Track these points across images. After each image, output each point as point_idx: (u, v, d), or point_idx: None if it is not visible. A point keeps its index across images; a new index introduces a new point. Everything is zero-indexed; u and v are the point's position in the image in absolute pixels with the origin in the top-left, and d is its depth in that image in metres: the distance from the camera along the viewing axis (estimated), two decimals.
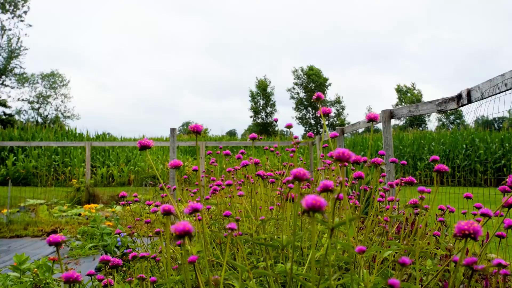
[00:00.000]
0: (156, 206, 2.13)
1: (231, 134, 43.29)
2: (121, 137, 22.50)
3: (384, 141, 4.66)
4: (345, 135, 7.73)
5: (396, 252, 1.68)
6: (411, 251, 1.40)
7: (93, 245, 5.21)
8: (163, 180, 16.54)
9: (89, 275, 1.56)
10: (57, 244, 1.10)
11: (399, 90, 53.56)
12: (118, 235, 4.58)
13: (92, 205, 8.68)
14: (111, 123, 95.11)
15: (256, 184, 2.07)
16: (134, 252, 4.18)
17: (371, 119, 1.56)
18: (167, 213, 1.05)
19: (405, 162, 2.11)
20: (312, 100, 1.65)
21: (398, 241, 1.98)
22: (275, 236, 1.75)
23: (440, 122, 52.12)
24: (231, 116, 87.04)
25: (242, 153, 2.08)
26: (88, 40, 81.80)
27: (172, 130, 7.28)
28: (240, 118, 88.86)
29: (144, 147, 1.42)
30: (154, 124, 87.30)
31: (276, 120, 2.16)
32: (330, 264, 1.25)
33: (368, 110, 53.21)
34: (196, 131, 1.40)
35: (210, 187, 2.35)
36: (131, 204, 8.25)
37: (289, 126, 2.16)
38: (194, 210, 1.20)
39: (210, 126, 66.20)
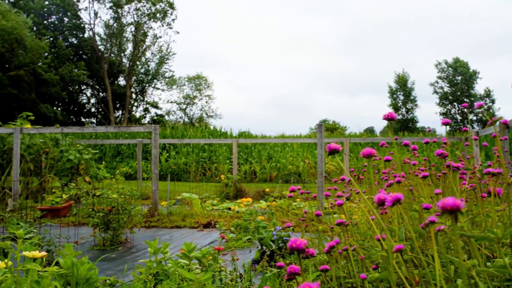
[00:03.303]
0: (339, 197, 2.07)
1: (370, 131, 42.20)
2: (262, 134, 23.13)
3: None
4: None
5: None
6: None
7: (248, 238, 5.37)
8: (304, 177, 16.66)
9: (279, 267, 1.55)
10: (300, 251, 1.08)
11: None
12: (273, 229, 4.64)
13: (244, 200, 9.01)
14: (248, 122, 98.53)
15: (447, 178, 1.91)
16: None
17: None
18: (381, 203, 0.97)
19: None
20: (383, 118, 1.46)
21: None
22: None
23: None
24: (367, 113, 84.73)
25: (426, 142, 1.94)
26: (225, 43, 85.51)
27: (320, 126, 7.26)
28: (377, 115, 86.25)
29: (333, 152, 1.37)
30: (289, 122, 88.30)
31: (464, 106, 1.98)
32: None
33: None
34: (390, 118, 1.35)
35: (384, 179, 2.24)
36: (278, 200, 8.37)
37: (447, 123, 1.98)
38: (381, 203, 1.11)
39: (346, 124, 65.23)
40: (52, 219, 7.15)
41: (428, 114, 72.46)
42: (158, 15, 41.81)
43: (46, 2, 38.23)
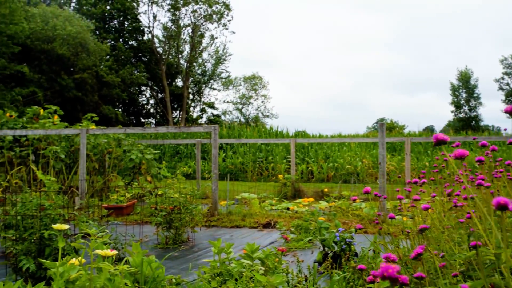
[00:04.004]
0: (416, 201, 1.99)
1: (430, 130, 40.94)
2: (318, 133, 22.91)
3: None
4: None
5: None
6: None
7: (309, 239, 5.31)
8: (362, 177, 16.37)
9: (360, 270, 1.49)
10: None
11: None
12: (336, 230, 4.56)
13: (304, 200, 8.95)
14: (304, 121, 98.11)
15: None
16: (349, 251, 4.07)
17: None
18: (502, 207, 0.90)
19: None
20: (505, 111, 1.38)
21: None
22: None
23: None
24: (426, 111, 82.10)
25: (511, 142, 1.82)
26: (280, 43, 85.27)
27: (381, 126, 7.10)
28: (436, 113, 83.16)
29: (440, 142, 1.33)
30: (346, 121, 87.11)
31: None
32: None
33: None
34: None
35: (459, 181, 2.13)
36: (337, 200, 8.24)
37: None
38: (503, 207, 1.03)
39: (404, 123, 63.52)
40: (116, 217, 7.38)
41: (493, 111, 69.37)
42: (214, 16, 42.34)
43: (108, 7, 39.57)
